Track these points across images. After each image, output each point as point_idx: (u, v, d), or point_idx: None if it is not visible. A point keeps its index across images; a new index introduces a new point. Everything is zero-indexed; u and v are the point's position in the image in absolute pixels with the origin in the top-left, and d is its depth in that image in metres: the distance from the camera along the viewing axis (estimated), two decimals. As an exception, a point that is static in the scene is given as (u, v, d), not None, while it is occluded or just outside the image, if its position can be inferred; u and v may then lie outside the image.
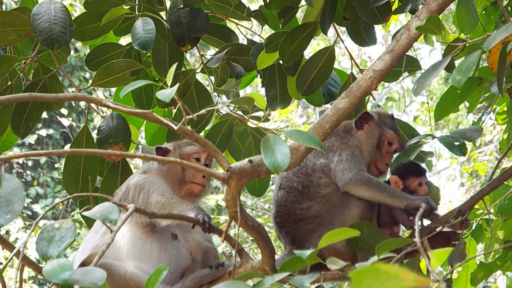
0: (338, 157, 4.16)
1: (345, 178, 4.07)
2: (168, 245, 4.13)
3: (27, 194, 15.93)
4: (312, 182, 4.18)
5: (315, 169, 4.20)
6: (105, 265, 3.88)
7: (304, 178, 4.19)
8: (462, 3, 4.13)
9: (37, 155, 3.17)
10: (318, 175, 4.19)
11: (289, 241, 4.22)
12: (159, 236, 4.12)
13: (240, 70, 4.70)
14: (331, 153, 4.21)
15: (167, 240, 4.14)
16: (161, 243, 4.10)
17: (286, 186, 4.22)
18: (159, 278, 2.67)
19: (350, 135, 4.32)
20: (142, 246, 4.07)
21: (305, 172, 4.21)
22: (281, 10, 4.61)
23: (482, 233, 4.72)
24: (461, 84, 3.23)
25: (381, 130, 4.37)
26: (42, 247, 2.82)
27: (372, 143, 4.35)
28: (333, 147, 4.24)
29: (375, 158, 4.32)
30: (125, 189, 4.16)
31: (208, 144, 3.46)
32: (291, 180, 4.21)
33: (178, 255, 4.15)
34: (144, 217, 4.05)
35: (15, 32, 4.32)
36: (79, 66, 16.44)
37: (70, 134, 16.65)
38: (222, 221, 14.36)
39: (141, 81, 4.12)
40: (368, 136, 4.35)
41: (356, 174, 4.06)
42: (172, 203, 3.98)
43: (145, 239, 4.08)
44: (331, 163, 4.17)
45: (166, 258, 4.08)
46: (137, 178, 4.19)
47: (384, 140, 4.36)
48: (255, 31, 5.08)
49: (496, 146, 14.50)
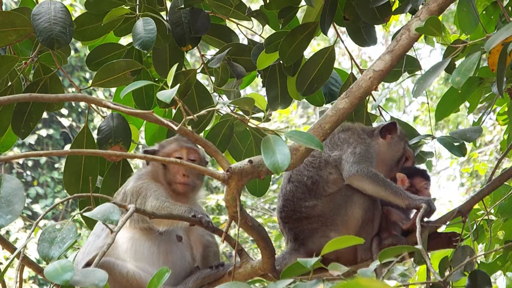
0: (352, 149, 4.19)
1: (352, 170, 4.09)
2: (173, 247, 4.13)
3: (27, 194, 15.93)
4: (322, 177, 4.19)
5: (328, 161, 4.20)
6: (107, 264, 3.88)
7: (314, 172, 4.20)
8: (463, 3, 4.13)
9: (37, 156, 3.17)
10: (329, 170, 4.20)
11: (291, 238, 4.23)
12: (165, 238, 4.11)
13: (240, 70, 4.70)
14: (347, 145, 4.24)
15: (173, 242, 4.14)
16: (167, 245, 4.10)
17: (296, 180, 4.23)
18: (161, 280, 2.67)
19: (369, 137, 4.35)
20: (150, 248, 4.07)
21: (317, 165, 4.21)
22: (281, 10, 4.61)
23: (482, 233, 4.72)
24: (460, 86, 3.23)
25: (404, 145, 4.42)
26: (44, 249, 2.81)
27: (395, 156, 4.41)
28: (349, 139, 4.27)
29: (390, 171, 4.35)
30: (123, 195, 4.15)
31: (208, 145, 3.46)
32: (302, 174, 4.22)
33: (183, 258, 4.15)
34: (143, 222, 4.05)
35: (15, 32, 4.32)
36: (79, 66, 16.45)
37: (70, 134, 16.64)
38: (222, 221, 14.36)
39: (141, 82, 4.13)
40: (392, 148, 4.41)
41: (364, 168, 4.09)
42: (165, 207, 3.96)
43: (152, 241, 4.07)
44: (344, 153, 4.19)
45: (171, 261, 4.09)
46: (133, 184, 4.17)
47: (403, 155, 4.42)
48: (256, 31, 5.08)
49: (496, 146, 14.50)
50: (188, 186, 4.22)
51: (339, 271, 2.87)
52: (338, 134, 4.29)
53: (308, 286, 2.66)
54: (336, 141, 4.27)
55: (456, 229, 4.28)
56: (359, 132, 4.34)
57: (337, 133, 4.28)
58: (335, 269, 2.91)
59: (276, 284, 2.63)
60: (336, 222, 4.13)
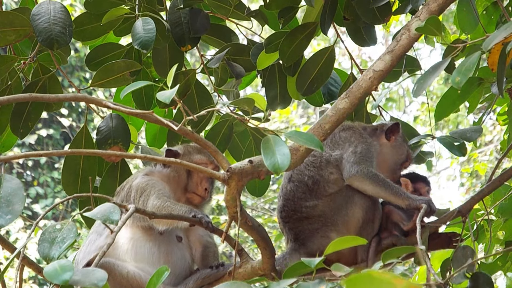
0: (354, 148, 4.20)
1: (352, 171, 4.10)
2: (174, 248, 4.14)
3: (27, 194, 15.92)
4: (323, 177, 4.19)
5: (329, 161, 4.20)
6: (107, 264, 3.88)
7: (315, 172, 4.19)
8: (463, 3, 4.12)
9: (37, 155, 3.17)
10: (330, 169, 4.20)
11: (292, 237, 4.23)
12: (165, 239, 4.11)
13: (240, 70, 4.70)
14: (348, 143, 4.24)
15: (173, 243, 4.15)
16: (167, 246, 4.11)
17: (297, 179, 4.23)
18: (161, 278, 2.67)
19: (370, 136, 4.34)
20: (151, 249, 4.07)
21: (318, 165, 4.21)
22: (281, 10, 4.61)
23: (482, 234, 4.72)
24: (461, 85, 3.23)
25: (407, 147, 4.44)
26: (44, 249, 2.82)
27: (400, 159, 4.42)
28: (351, 138, 4.27)
29: (393, 173, 4.35)
30: (127, 189, 4.16)
31: (208, 145, 3.46)
32: (302, 174, 4.22)
33: (183, 258, 4.16)
34: (144, 220, 4.05)
35: (14, 32, 4.31)
36: (79, 66, 16.44)
37: (70, 134, 16.65)
38: (222, 221, 14.36)
39: (141, 82, 4.13)
40: (397, 150, 4.42)
41: (364, 168, 4.09)
42: (166, 206, 3.96)
43: (153, 242, 4.08)
44: (345, 152, 4.19)
45: (172, 261, 4.09)
46: (140, 180, 4.18)
47: (407, 158, 4.43)
48: (255, 31, 5.08)
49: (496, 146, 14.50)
50: (203, 200, 4.28)
51: (342, 272, 2.87)
52: (339, 133, 4.29)
53: (311, 286, 2.66)
54: (337, 140, 4.28)
55: (456, 229, 4.28)
56: (361, 131, 4.34)
57: (338, 132, 4.29)
58: (338, 270, 2.91)
59: (278, 284, 2.63)
60: (336, 222, 4.13)
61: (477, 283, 3.52)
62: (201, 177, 4.25)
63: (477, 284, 3.52)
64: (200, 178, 4.25)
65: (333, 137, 4.28)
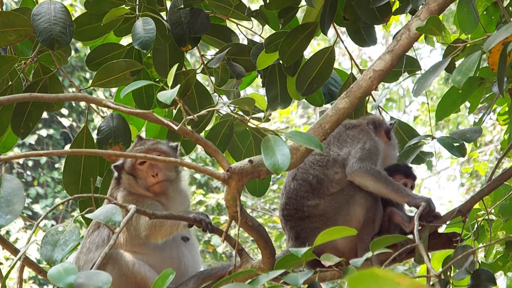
0: (362, 145, 4.24)
1: (355, 166, 4.12)
2: (184, 251, 4.14)
3: (27, 194, 15.92)
4: (328, 176, 4.20)
5: (337, 160, 4.22)
6: (115, 255, 3.90)
7: (320, 171, 4.20)
8: (463, 3, 4.13)
9: (37, 155, 3.17)
10: (336, 169, 4.21)
11: (293, 236, 4.24)
12: (175, 244, 4.12)
13: (240, 70, 4.70)
14: (357, 140, 4.27)
15: (182, 245, 4.15)
16: (178, 249, 4.12)
17: (301, 178, 4.23)
18: (165, 282, 2.66)
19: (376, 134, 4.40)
20: (161, 255, 4.07)
21: (324, 164, 4.22)
22: (281, 10, 4.61)
23: (483, 233, 4.72)
24: (461, 85, 3.23)
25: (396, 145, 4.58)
26: (47, 252, 2.82)
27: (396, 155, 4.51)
28: (359, 135, 4.31)
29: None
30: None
31: (208, 144, 3.46)
32: (307, 172, 4.22)
33: (193, 259, 4.17)
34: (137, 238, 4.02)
35: (15, 32, 4.31)
36: (79, 66, 16.45)
37: (70, 134, 16.65)
38: (222, 221, 14.36)
39: (141, 82, 4.13)
40: (395, 148, 4.53)
41: (367, 165, 4.12)
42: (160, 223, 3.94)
43: (163, 248, 4.07)
44: (354, 149, 4.22)
45: (184, 264, 4.10)
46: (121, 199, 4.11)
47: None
48: (256, 31, 5.08)
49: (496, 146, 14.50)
50: (163, 183, 4.15)
51: (331, 262, 2.88)
52: (346, 131, 4.32)
53: (300, 276, 2.66)
54: (345, 138, 4.30)
55: (456, 229, 4.28)
56: (367, 129, 4.38)
57: (345, 131, 4.32)
58: (327, 260, 2.91)
59: (268, 275, 2.64)
60: (337, 221, 4.14)
61: (479, 280, 3.52)
62: (145, 169, 4.13)
63: (479, 281, 3.52)
64: (145, 170, 4.13)
65: (340, 136, 4.29)
